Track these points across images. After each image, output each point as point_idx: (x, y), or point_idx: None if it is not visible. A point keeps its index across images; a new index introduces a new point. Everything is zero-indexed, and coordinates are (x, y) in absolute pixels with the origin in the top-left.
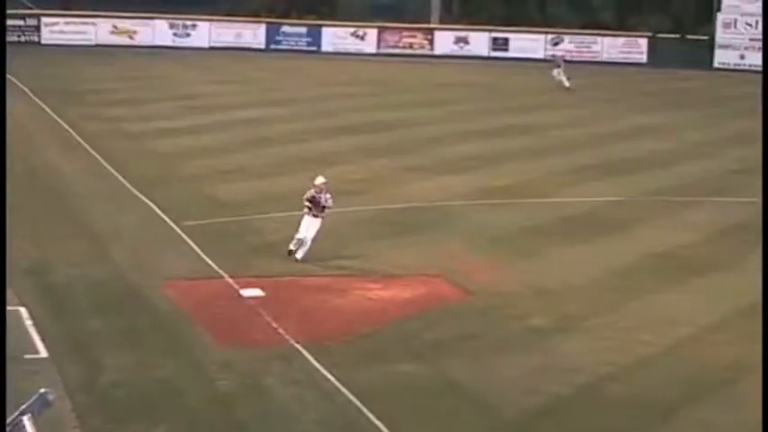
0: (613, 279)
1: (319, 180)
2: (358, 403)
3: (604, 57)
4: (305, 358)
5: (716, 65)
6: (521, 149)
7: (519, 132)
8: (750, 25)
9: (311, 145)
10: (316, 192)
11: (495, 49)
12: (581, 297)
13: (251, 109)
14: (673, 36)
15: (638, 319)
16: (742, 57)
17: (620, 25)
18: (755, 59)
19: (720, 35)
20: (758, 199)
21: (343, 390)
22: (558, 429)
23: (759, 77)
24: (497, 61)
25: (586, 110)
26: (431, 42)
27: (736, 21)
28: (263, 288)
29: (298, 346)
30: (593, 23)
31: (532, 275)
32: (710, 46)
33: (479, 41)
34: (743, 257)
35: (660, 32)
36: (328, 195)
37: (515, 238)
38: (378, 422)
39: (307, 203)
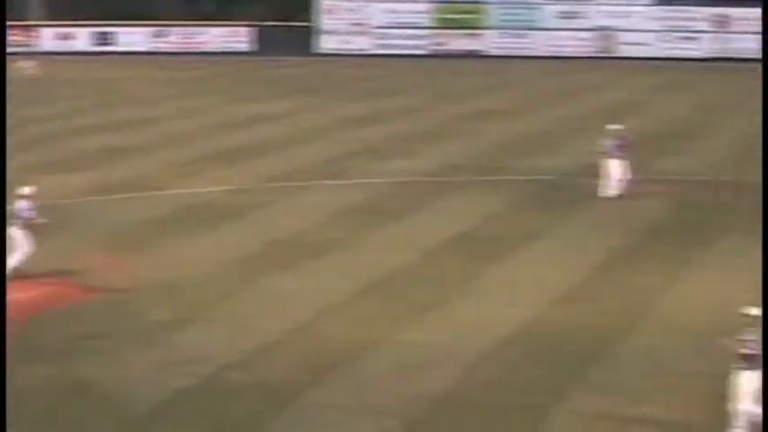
0: (233, 267)
1: (26, 190)
2: None
3: (210, 47)
4: None
5: (320, 50)
6: (136, 143)
7: (134, 126)
8: (351, 10)
9: None
10: (23, 203)
11: (100, 44)
12: (202, 288)
13: None
14: (276, 24)
15: (258, 306)
16: (345, 42)
17: (223, 15)
18: (359, 44)
19: (323, 21)
20: (373, 180)
21: None
22: (184, 421)
23: (363, 60)
24: (103, 56)
25: (197, 101)
26: (34, 39)
27: (336, 7)
28: None
29: None
30: (197, 14)
31: (153, 269)
32: (314, 32)
33: (83, 37)
34: (358, 239)
35: (264, 20)
36: (28, 204)
37: (135, 232)
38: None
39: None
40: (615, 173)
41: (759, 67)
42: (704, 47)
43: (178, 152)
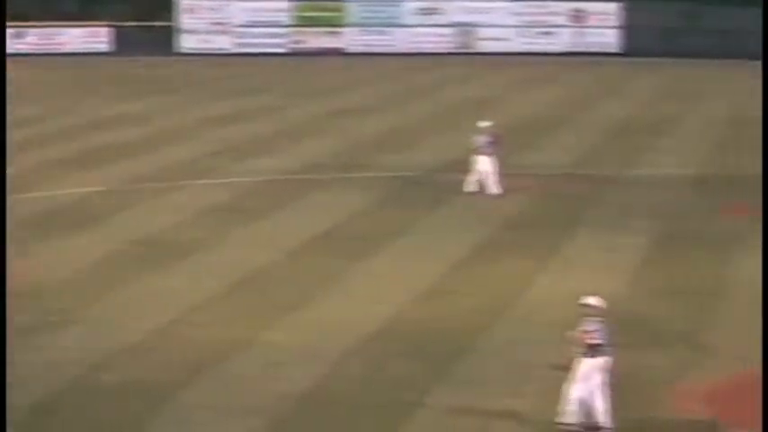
0: (100, 269)
1: None
2: None
3: (70, 48)
4: None
5: (181, 50)
6: None
7: None
8: (212, 9)
9: None
10: None
11: None
12: (69, 290)
13: None
14: (137, 24)
15: (126, 307)
16: (205, 41)
17: (82, 15)
18: (220, 43)
19: (183, 21)
20: (237, 179)
21: None
22: (55, 424)
23: (224, 60)
24: None
25: (60, 102)
26: None
27: (197, 6)
28: None
29: None
30: (56, 14)
31: (20, 273)
32: (174, 32)
33: None
34: (222, 238)
35: (123, 21)
36: None
37: None
38: None
39: None
40: (485, 169)
41: (615, 60)
42: (562, 41)
43: (42, 154)
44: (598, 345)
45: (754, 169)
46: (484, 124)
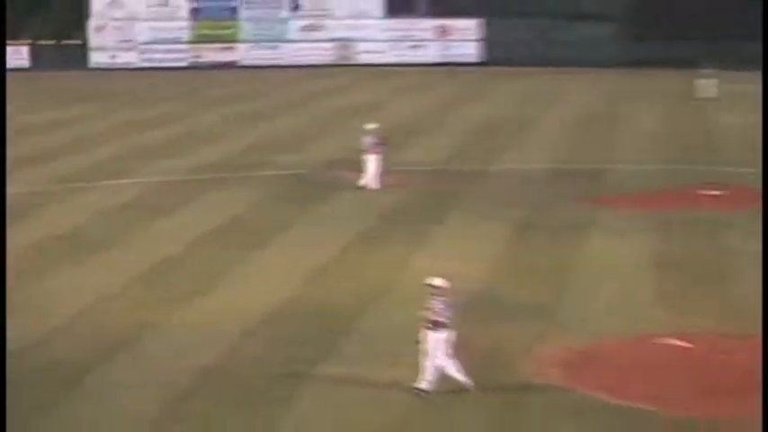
0: (22, 263)
1: None
2: None
3: None
4: None
5: (91, 65)
6: None
7: None
8: (119, 28)
9: None
10: None
11: None
12: None
13: None
14: (52, 42)
15: (46, 297)
16: (113, 56)
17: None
18: (126, 58)
19: (93, 39)
20: (145, 179)
21: None
22: None
23: (131, 73)
24: None
25: None
26: None
27: (106, 25)
28: None
29: None
30: None
31: None
32: (86, 49)
33: None
34: (132, 232)
35: (40, 39)
36: None
37: None
38: None
39: None
40: (371, 167)
41: (477, 69)
42: (429, 53)
43: None
44: (441, 321)
45: (604, 163)
46: (371, 126)
